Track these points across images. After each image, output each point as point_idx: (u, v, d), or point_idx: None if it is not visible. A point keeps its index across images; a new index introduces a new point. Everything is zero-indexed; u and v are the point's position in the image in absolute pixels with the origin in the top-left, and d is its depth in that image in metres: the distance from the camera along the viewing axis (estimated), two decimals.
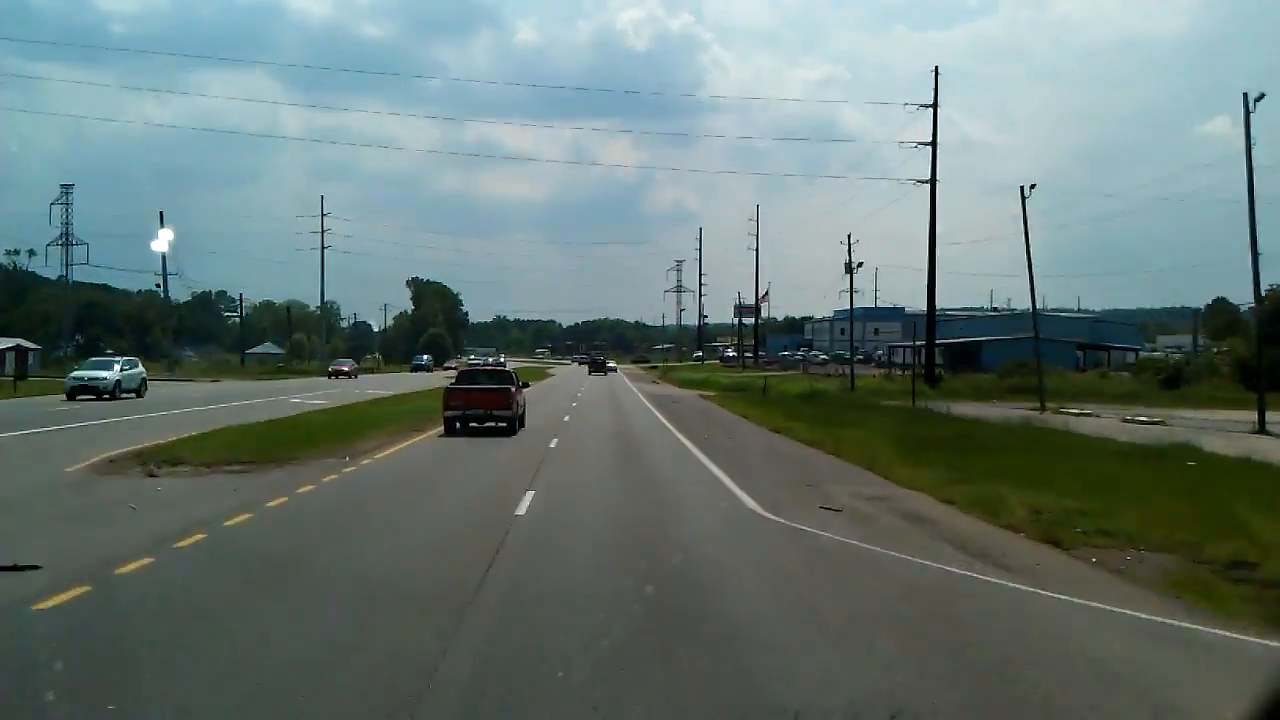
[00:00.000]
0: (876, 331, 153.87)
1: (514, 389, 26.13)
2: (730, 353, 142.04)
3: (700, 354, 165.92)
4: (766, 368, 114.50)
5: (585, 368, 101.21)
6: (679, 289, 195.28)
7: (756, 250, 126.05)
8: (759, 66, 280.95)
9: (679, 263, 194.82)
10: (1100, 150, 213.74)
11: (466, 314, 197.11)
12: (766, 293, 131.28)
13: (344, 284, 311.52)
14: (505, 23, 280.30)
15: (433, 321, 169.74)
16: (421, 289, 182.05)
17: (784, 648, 6.61)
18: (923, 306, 66.16)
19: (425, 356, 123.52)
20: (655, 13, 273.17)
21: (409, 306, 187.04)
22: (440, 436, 23.75)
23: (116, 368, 40.92)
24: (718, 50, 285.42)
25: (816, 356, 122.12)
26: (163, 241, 79.48)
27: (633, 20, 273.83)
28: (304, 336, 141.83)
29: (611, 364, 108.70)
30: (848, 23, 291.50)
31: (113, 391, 38.56)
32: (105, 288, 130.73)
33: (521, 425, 26.12)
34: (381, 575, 8.93)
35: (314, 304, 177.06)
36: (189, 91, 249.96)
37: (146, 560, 8.99)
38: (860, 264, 62.11)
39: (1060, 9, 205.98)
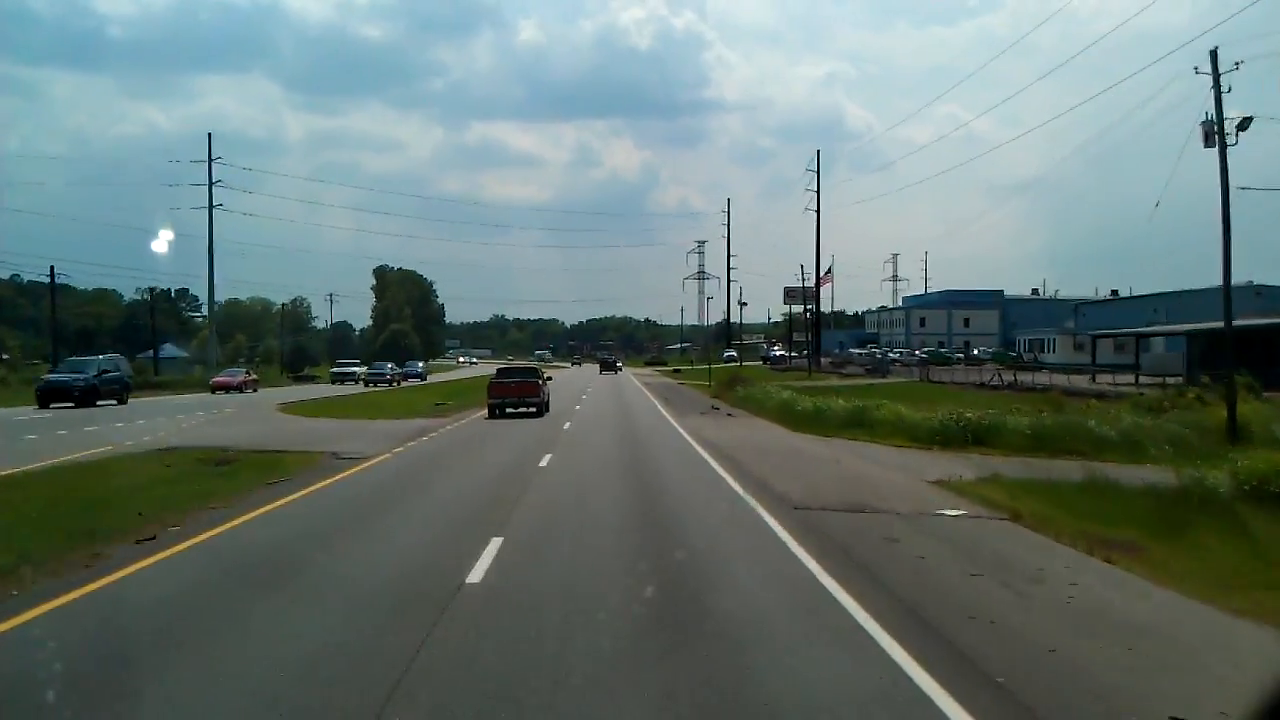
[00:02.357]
0: (967, 323, 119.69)
1: (540, 382, 32.89)
2: (778, 351, 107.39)
3: (733, 353, 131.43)
4: (839, 371, 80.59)
5: (577, 369, 77.92)
6: (701, 275, 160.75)
7: (817, 209, 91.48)
8: (763, 64, 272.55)
9: (701, 244, 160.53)
10: (1105, 145, 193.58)
11: (443, 307, 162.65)
12: (829, 270, 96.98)
13: (337, 284, 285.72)
14: (508, 22, 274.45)
15: (397, 315, 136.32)
16: (385, 277, 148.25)
17: None
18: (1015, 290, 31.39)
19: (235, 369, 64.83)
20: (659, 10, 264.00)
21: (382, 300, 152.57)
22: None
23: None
24: (721, 48, 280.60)
25: (912, 355, 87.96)
26: None
27: (635, 19, 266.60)
28: (208, 332, 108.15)
29: (619, 364, 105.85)
30: (850, 20, 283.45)
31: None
32: None
33: (547, 409, 31.95)
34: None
35: (284, 300, 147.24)
36: (187, 96, 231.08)
37: None
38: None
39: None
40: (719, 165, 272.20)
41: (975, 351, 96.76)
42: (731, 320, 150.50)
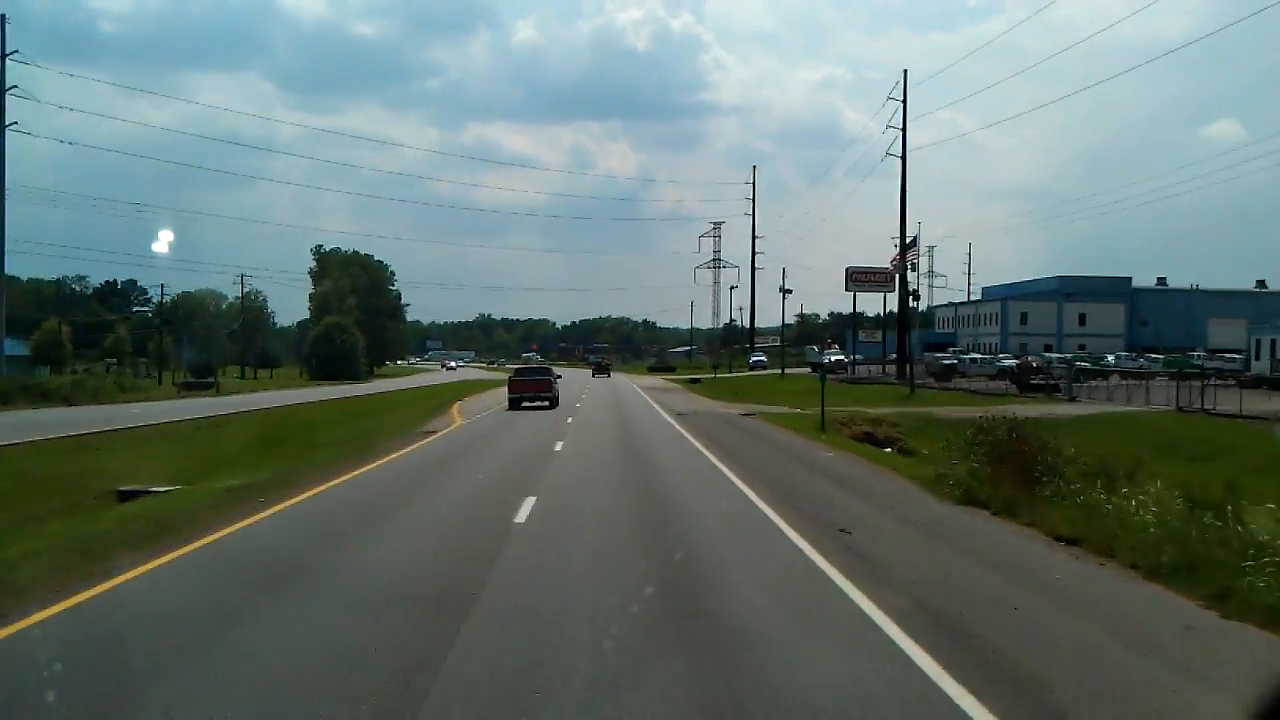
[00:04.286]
0: (1083, 320, 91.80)
1: (552, 379, 37.22)
2: (835, 355, 78.74)
3: (762, 358, 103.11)
4: (949, 387, 53.52)
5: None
6: (717, 262, 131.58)
7: (903, 152, 63.12)
8: (760, 67, 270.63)
9: (716, 225, 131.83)
10: (1100, 153, 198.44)
11: (399, 297, 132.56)
12: (914, 241, 68.54)
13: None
14: (503, 23, 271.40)
15: (339, 305, 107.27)
16: (328, 259, 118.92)
17: None
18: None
19: None
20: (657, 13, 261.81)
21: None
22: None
23: None
24: (718, 51, 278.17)
25: (1063, 364, 59.85)
26: None
27: (632, 20, 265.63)
28: (56, 325, 79.56)
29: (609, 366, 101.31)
30: (848, 24, 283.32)
31: None
32: None
33: (556, 404, 35.02)
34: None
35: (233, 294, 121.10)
36: (180, 94, 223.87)
37: None
38: None
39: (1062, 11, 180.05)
40: (716, 168, 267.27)
41: (1110, 358, 68.34)
42: (749, 315, 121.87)
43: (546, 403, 34.68)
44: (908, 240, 66.45)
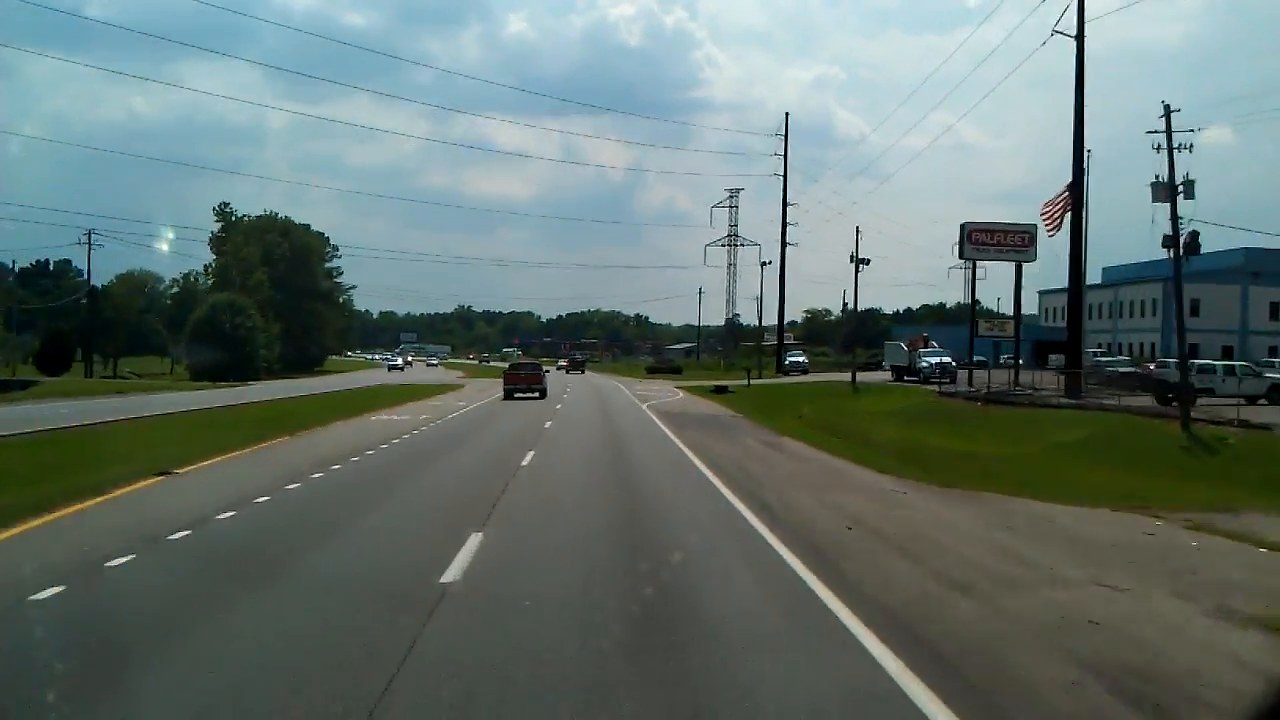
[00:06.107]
0: (1276, 312, 66.41)
1: (542, 373, 44.01)
2: (938, 356, 52.17)
3: (800, 358, 77.28)
4: (1179, 415, 27.00)
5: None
6: (733, 239, 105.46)
7: (1080, 24, 37.34)
8: (753, 65, 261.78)
9: (733, 193, 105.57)
10: (1096, 156, 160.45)
11: (340, 276, 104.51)
12: (1083, 173, 42.63)
13: None
14: (495, 16, 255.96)
15: (242, 280, 79.24)
16: (235, 224, 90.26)
17: None
18: None
19: None
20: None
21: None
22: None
23: None
24: (711, 48, 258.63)
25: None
26: None
27: (624, 16, 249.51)
28: None
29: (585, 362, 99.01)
30: (842, 25, 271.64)
31: None
32: None
33: (545, 395, 41.02)
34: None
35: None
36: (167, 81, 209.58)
37: None
38: None
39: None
40: (708, 164, 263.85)
41: None
42: (766, 306, 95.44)
43: (537, 393, 40.86)
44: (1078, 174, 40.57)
